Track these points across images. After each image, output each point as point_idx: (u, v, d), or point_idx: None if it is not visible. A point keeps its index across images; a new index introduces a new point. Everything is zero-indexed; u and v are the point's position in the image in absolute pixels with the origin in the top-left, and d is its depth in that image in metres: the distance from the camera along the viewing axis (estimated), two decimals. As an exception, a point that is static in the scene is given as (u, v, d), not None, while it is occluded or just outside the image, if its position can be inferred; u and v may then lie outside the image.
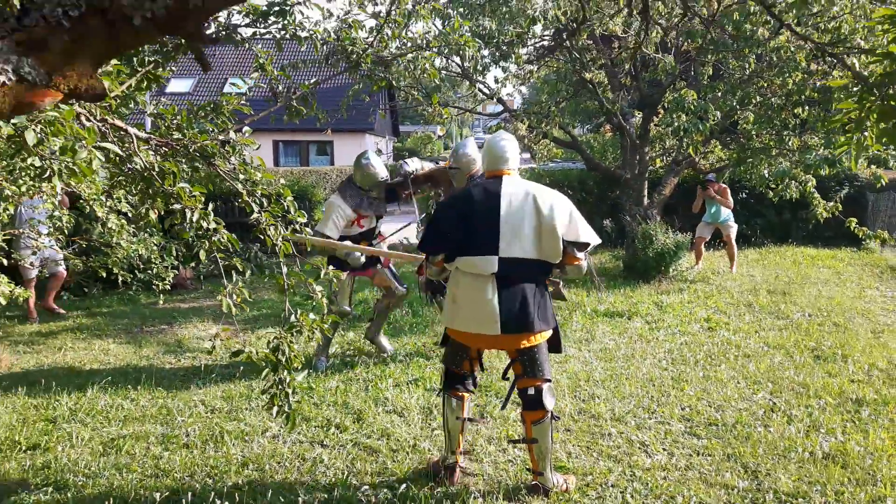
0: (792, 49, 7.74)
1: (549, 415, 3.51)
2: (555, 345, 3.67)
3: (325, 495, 3.60)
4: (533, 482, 3.58)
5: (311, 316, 3.00)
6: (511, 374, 3.63)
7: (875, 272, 9.71)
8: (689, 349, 6.07)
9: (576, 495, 3.55)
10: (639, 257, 9.21)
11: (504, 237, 3.41)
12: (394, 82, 6.83)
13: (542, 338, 3.52)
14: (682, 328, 6.81)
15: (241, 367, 5.57)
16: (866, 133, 2.80)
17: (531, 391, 3.50)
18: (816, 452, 3.98)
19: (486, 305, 3.41)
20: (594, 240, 3.54)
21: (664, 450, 4.08)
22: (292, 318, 3.18)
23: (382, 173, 5.77)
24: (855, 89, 3.03)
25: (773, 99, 8.35)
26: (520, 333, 3.43)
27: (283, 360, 2.96)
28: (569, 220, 3.47)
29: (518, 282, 3.43)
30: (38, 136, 2.26)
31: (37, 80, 1.01)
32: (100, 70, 2.81)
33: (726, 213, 9.63)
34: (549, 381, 3.54)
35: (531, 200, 3.45)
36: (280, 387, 2.94)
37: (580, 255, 3.50)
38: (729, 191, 9.69)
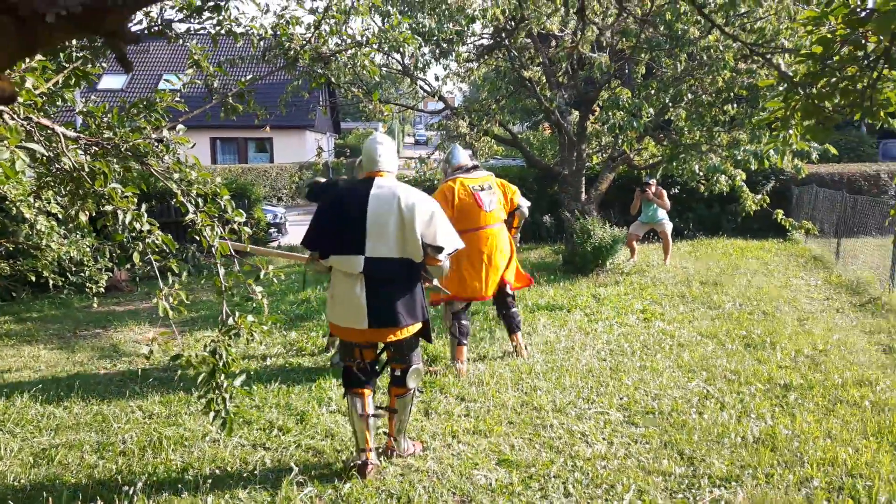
0: (721, 48, 8.00)
1: (412, 391, 3.89)
2: (425, 335, 3.93)
3: (269, 499, 3.56)
4: (388, 445, 3.94)
5: (250, 318, 2.96)
6: (384, 356, 3.95)
7: (800, 262, 10.14)
8: (627, 340, 6.23)
9: (519, 487, 3.61)
10: (577, 251, 9.39)
11: (371, 237, 3.60)
12: (333, 79, 6.78)
13: (410, 331, 3.76)
14: (620, 320, 6.98)
15: (179, 371, 5.45)
16: (791, 131, 2.93)
17: (398, 372, 3.87)
18: (748, 437, 4.14)
19: (355, 302, 3.62)
20: (451, 245, 3.73)
21: (604, 439, 4.18)
22: (230, 320, 3.14)
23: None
24: (781, 88, 3.16)
25: (703, 96, 8.62)
26: (387, 328, 3.65)
27: (221, 363, 2.91)
28: (428, 221, 3.65)
29: (385, 280, 3.63)
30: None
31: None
32: (22, 67, 2.70)
33: (662, 214, 9.94)
34: (416, 365, 3.87)
35: (396, 200, 3.62)
36: (217, 391, 2.89)
37: (440, 256, 3.68)
38: (665, 193, 9.98)
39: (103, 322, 7.53)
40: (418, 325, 3.79)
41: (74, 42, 3.74)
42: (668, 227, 9.99)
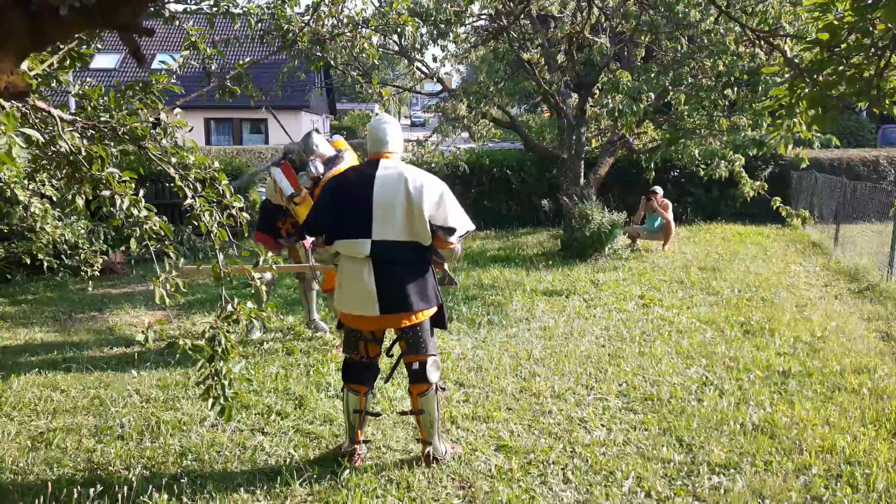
0: (722, 32, 7.93)
1: (434, 387, 3.63)
2: (439, 321, 3.75)
3: (267, 484, 3.55)
4: (423, 451, 3.71)
5: (249, 305, 2.93)
6: (396, 349, 3.74)
7: (798, 248, 10.14)
8: (625, 326, 6.23)
9: (518, 473, 3.61)
10: (576, 236, 9.36)
11: (377, 219, 3.46)
12: (331, 61, 6.70)
13: (423, 316, 3.59)
14: (618, 305, 6.97)
15: (177, 355, 5.42)
16: (796, 119, 2.89)
17: (416, 366, 3.62)
18: (746, 424, 4.15)
19: (364, 287, 3.48)
20: (462, 227, 3.59)
21: (603, 426, 4.18)
22: (229, 307, 3.11)
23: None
24: (786, 75, 3.13)
25: (703, 80, 8.56)
26: (399, 313, 3.51)
27: (220, 350, 2.89)
28: (438, 203, 3.50)
29: (394, 263, 3.50)
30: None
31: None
32: (24, 63, 2.65)
33: (663, 220, 9.97)
34: (434, 355, 3.64)
35: (402, 182, 3.48)
36: (216, 378, 2.87)
37: (451, 239, 3.55)
38: (670, 206, 9.99)
39: (99, 305, 7.50)
40: (433, 310, 3.63)
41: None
42: (673, 226, 10.04)
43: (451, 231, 3.54)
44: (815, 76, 2.84)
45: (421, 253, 3.56)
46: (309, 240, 5.88)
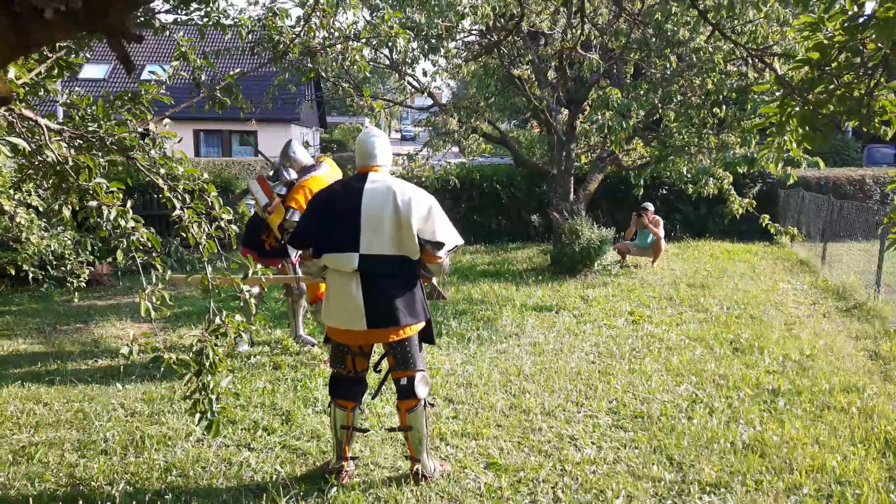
0: (710, 50, 8.00)
1: (423, 403, 3.60)
2: (427, 336, 3.72)
3: (253, 501, 3.49)
4: (412, 469, 3.67)
5: (238, 318, 2.89)
6: (384, 365, 3.70)
7: (786, 266, 10.18)
8: (615, 342, 6.21)
9: (508, 492, 3.56)
10: (565, 252, 9.36)
11: (364, 233, 3.44)
12: (323, 73, 6.69)
13: (411, 331, 3.55)
14: (608, 322, 6.96)
15: (162, 368, 5.36)
16: (787, 137, 2.90)
17: (403, 381, 3.59)
18: (737, 443, 4.13)
19: (352, 301, 3.45)
20: (451, 241, 3.56)
21: (593, 443, 4.15)
22: (217, 319, 3.06)
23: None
24: (777, 94, 3.14)
25: (692, 98, 8.62)
26: (387, 328, 3.48)
27: (207, 364, 2.84)
28: (426, 217, 3.48)
29: (382, 277, 3.47)
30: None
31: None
32: (10, 71, 2.61)
33: (654, 236, 10.00)
34: (422, 371, 3.61)
35: (391, 195, 3.45)
36: (203, 392, 2.82)
37: (439, 253, 3.53)
38: (662, 222, 10.04)
39: (84, 316, 7.41)
40: (420, 325, 3.60)
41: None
42: (663, 243, 10.08)
43: (440, 245, 3.52)
44: (806, 94, 2.84)
45: (409, 267, 3.54)
46: (294, 255, 5.85)
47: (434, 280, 3.97)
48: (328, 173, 5.53)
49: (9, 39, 0.84)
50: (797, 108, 3.12)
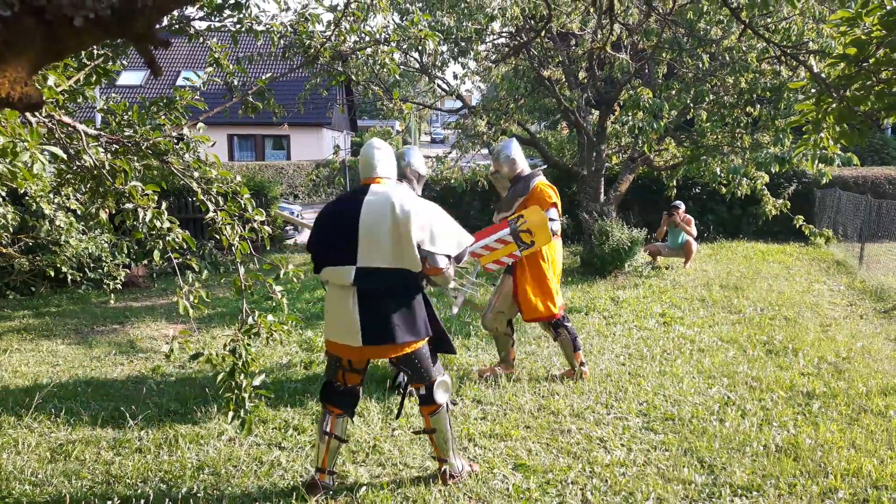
0: (744, 49, 7.90)
1: (444, 406, 3.59)
2: (442, 346, 3.64)
3: (283, 500, 3.54)
4: (440, 469, 3.68)
5: (270, 318, 2.94)
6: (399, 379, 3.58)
7: (822, 267, 9.99)
8: (646, 344, 6.16)
9: (536, 493, 3.56)
10: (595, 253, 9.31)
11: (362, 245, 3.34)
12: (353, 77, 6.75)
13: (411, 348, 3.45)
14: (639, 323, 6.90)
15: (196, 369, 5.46)
16: (823, 134, 2.86)
17: (422, 391, 3.58)
18: (770, 446, 4.06)
19: (349, 316, 3.35)
20: (453, 250, 3.46)
21: (622, 445, 4.12)
22: (250, 319, 3.12)
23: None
24: (812, 91, 3.09)
25: (725, 97, 8.51)
26: (383, 345, 3.39)
27: (241, 363, 2.90)
28: (427, 227, 3.36)
29: (380, 292, 3.36)
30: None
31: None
32: (50, 79, 2.69)
33: (686, 236, 9.89)
34: (438, 379, 3.56)
35: (389, 206, 3.33)
36: (237, 391, 2.87)
37: (441, 265, 3.41)
38: (693, 221, 9.94)
39: (120, 318, 7.56)
40: (421, 343, 3.48)
41: (96, 39, 3.73)
42: (694, 245, 9.96)
43: (446, 257, 3.42)
44: (843, 91, 2.80)
45: (410, 281, 3.42)
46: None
47: (462, 296, 3.88)
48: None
49: (40, 45, 0.87)
50: (834, 106, 3.08)
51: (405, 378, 3.53)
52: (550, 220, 5.01)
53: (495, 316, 5.28)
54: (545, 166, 6.74)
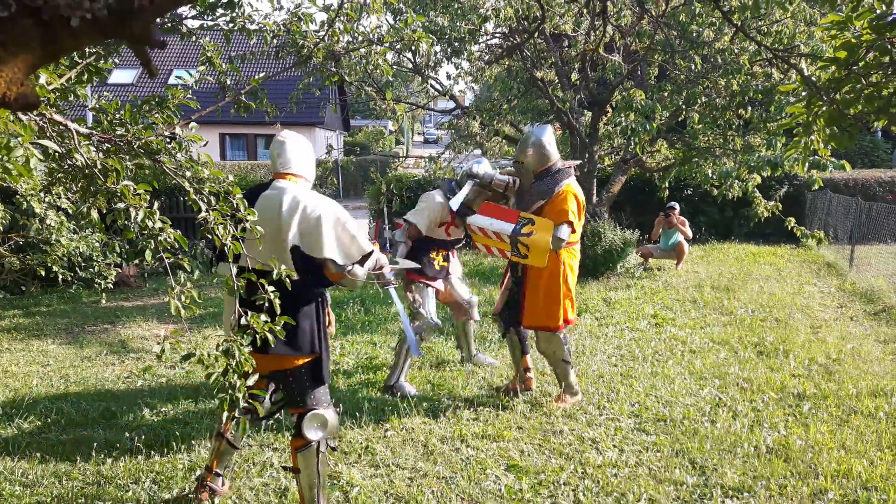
0: (736, 51, 7.93)
1: (316, 445, 3.13)
2: (316, 374, 3.16)
3: (276, 500, 3.53)
4: None
5: (262, 318, 2.93)
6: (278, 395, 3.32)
7: (813, 269, 10.05)
8: (637, 345, 6.17)
9: (528, 494, 3.56)
10: (588, 254, 9.31)
11: (247, 243, 2.92)
12: (346, 77, 6.74)
13: (291, 363, 3.11)
14: (630, 324, 6.92)
15: (187, 369, 5.44)
16: (813, 137, 2.88)
17: (294, 418, 3.19)
18: (760, 447, 4.08)
19: (229, 318, 3.05)
20: (339, 257, 3.07)
21: (614, 446, 4.13)
22: (242, 319, 3.10)
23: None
24: (803, 94, 3.11)
25: (717, 99, 8.55)
26: (257, 353, 2.88)
27: (234, 363, 2.88)
28: (312, 228, 3.06)
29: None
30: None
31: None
32: (42, 77, 2.68)
33: (680, 237, 9.92)
34: (314, 409, 3.13)
35: (278, 204, 3.09)
36: (230, 391, 2.86)
37: (355, 270, 3.14)
38: (688, 222, 9.98)
39: (111, 317, 7.53)
40: (300, 361, 3.11)
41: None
42: (686, 246, 10.00)
43: (359, 259, 3.15)
44: (833, 94, 2.82)
45: (297, 288, 2.91)
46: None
47: (387, 266, 3.51)
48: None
49: (37, 46, 0.87)
50: (824, 108, 3.09)
51: (275, 396, 3.23)
52: (559, 238, 4.40)
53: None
54: (579, 162, 6.26)
